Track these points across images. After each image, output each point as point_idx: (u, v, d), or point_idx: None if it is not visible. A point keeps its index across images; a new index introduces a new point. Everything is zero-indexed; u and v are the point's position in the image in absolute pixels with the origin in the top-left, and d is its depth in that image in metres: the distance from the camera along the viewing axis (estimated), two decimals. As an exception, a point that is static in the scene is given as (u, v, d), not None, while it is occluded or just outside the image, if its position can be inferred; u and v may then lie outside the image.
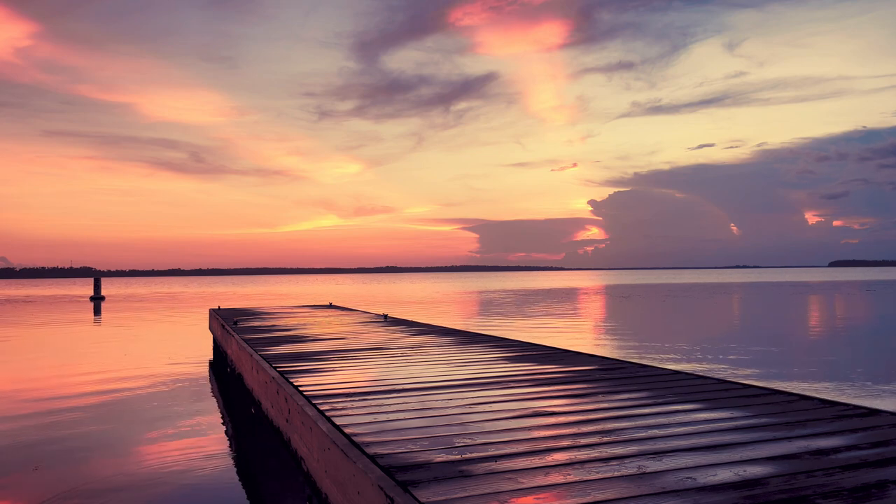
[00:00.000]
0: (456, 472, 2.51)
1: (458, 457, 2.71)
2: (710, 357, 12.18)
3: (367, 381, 4.69)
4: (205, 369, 11.64)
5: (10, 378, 11.32)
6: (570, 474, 2.47)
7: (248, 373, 6.33)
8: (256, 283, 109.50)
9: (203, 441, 6.72)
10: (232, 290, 63.07)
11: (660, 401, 3.84)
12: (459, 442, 2.96)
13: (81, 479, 5.53)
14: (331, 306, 14.77)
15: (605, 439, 2.98)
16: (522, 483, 2.37)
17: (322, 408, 3.75)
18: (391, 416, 3.52)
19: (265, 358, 5.96)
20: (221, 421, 7.63)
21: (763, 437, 2.98)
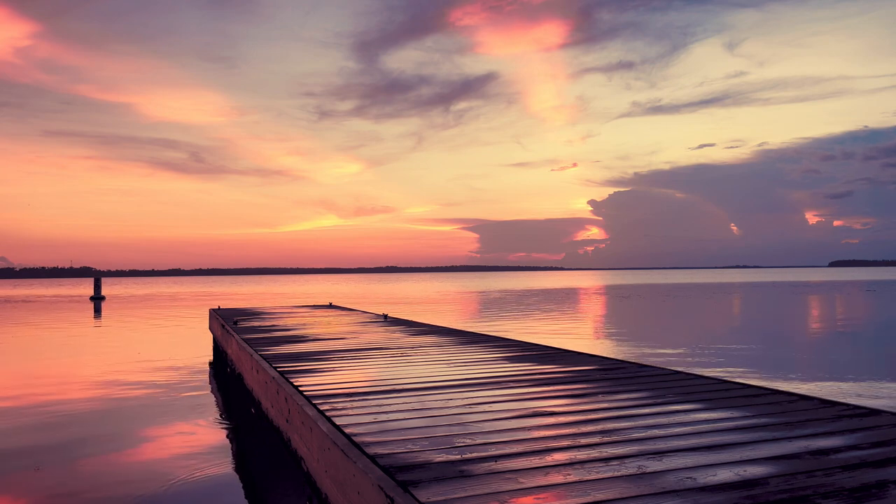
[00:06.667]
0: (456, 472, 2.51)
1: (458, 457, 2.71)
2: (710, 357, 12.18)
3: (367, 381, 4.69)
4: (205, 369, 11.64)
5: (10, 378, 11.32)
6: (570, 474, 2.46)
7: (248, 373, 6.33)
8: (256, 283, 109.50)
9: (203, 441, 6.72)
10: (232, 290, 63.05)
11: (660, 401, 3.84)
12: (459, 442, 2.96)
13: (82, 478, 5.53)
14: (331, 306, 14.77)
15: (605, 439, 2.98)
16: (522, 483, 2.37)
17: (322, 408, 3.75)
18: (391, 416, 3.52)
19: (265, 358, 5.96)
20: (221, 421, 7.63)
21: (763, 437, 2.98)
